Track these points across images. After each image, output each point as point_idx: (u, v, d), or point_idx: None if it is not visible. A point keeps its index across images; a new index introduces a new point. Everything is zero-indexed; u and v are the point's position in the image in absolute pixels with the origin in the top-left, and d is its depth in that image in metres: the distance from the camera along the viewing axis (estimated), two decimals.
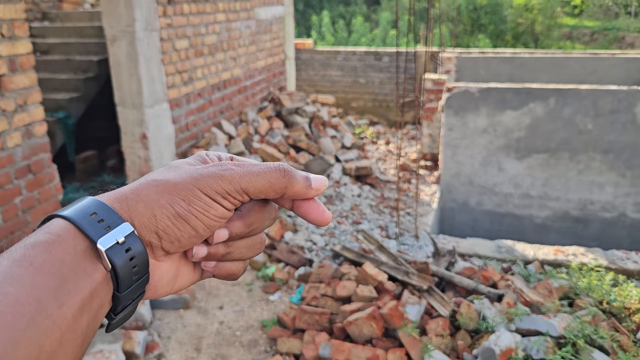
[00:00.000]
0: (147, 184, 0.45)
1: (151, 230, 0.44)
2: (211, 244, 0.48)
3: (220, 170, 0.45)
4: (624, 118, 5.39)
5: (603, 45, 20.20)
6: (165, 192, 0.44)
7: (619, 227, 5.73)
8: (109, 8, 4.53)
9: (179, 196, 0.44)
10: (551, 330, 2.95)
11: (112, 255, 0.41)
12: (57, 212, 0.43)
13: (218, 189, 0.45)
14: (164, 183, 0.45)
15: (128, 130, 4.77)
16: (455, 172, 6.00)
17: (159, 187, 0.44)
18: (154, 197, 0.44)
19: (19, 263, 0.38)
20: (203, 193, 0.44)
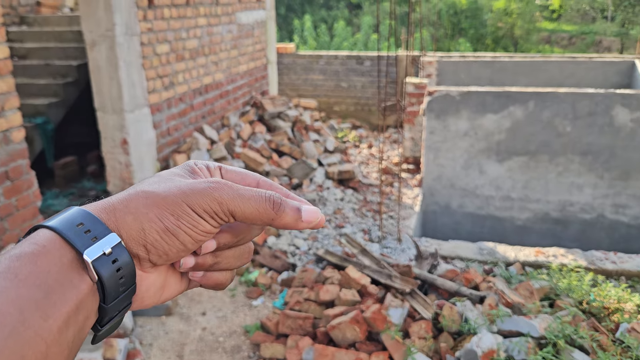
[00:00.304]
0: (136, 195, 0.45)
1: (139, 243, 0.43)
2: (199, 255, 0.48)
3: (210, 188, 0.45)
4: (602, 120, 5.48)
5: (581, 48, 20.52)
6: (155, 205, 0.44)
7: (597, 228, 5.82)
8: (88, 12, 4.49)
9: (168, 210, 0.44)
10: (532, 331, 2.98)
11: (99, 267, 0.41)
12: (42, 222, 0.43)
13: (206, 207, 0.44)
14: (154, 196, 0.44)
15: (108, 136, 4.73)
16: (437, 175, 6.04)
17: (148, 200, 0.44)
18: (143, 210, 0.44)
19: (4, 275, 0.38)
20: (191, 209, 0.44)
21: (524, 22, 19.02)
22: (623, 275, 4.42)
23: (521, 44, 19.34)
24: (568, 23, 23.95)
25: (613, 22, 21.03)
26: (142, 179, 1.71)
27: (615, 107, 5.42)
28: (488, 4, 19.93)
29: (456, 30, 19.10)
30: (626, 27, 18.58)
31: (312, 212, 0.48)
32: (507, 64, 8.22)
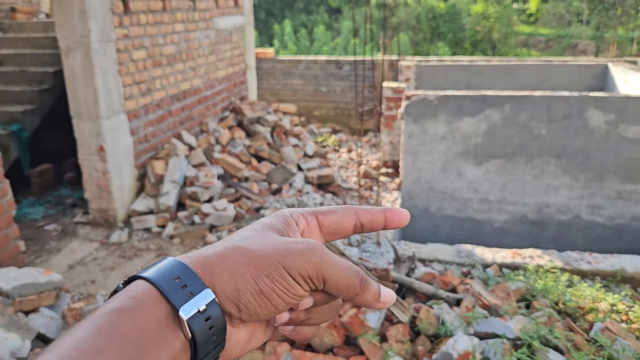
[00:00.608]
0: (233, 250, 0.45)
1: (232, 302, 0.43)
2: (294, 310, 0.48)
3: (308, 251, 0.45)
4: (576, 123, 5.57)
5: (557, 52, 20.84)
6: (251, 265, 0.44)
7: (574, 228, 5.91)
8: (62, 19, 4.45)
9: (264, 272, 0.44)
10: (507, 332, 3.02)
11: (193, 324, 0.41)
12: (141, 272, 0.43)
13: (302, 272, 0.44)
14: (250, 254, 0.44)
15: (85, 143, 4.69)
16: (415, 178, 6.08)
17: (245, 258, 0.44)
18: (240, 270, 0.44)
19: (105, 331, 0.38)
20: (287, 272, 0.44)
21: (502, 25, 19.26)
22: (598, 275, 4.50)
23: (499, 48, 19.59)
24: (545, 27, 24.32)
25: (588, 26, 21.40)
26: (120, 186, 1.75)
27: (589, 110, 5.52)
28: (466, 8, 20.15)
29: (435, 34, 19.27)
30: (601, 30, 18.92)
31: (389, 295, 0.49)
32: (484, 67, 8.32)
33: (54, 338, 3.24)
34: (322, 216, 0.51)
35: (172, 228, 4.75)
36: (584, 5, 21.87)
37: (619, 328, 3.36)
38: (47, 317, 3.31)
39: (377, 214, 0.52)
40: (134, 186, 5.09)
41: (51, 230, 4.94)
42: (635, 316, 3.77)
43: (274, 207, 5.19)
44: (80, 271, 4.25)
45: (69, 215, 5.24)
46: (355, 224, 0.52)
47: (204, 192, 4.99)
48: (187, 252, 2.65)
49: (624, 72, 7.31)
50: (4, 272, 3.37)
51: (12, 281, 3.29)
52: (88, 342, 0.38)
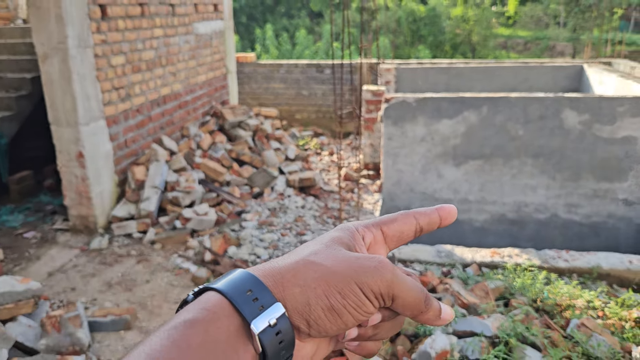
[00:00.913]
0: (305, 265, 0.45)
1: (302, 317, 0.43)
2: (363, 327, 0.48)
3: (381, 267, 0.45)
4: (552, 124, 5.67)
5: (535, 53, 21.13)
6: (324, 280, 0.44)
7: (551, 227, 6.00)
8: (39, 25, 4.43)
9: (336, 288, 0.44)
10: (485, 330, 3.07)
11: (263, 338, 0.41)
12: (211, 284, 0.43)
13: (375, 288, 0.44)
14: (323, 269, 0.44)
15: (63, 149, 4.66)
16: (396, 180, 6.14)
17: (317, 273, 0.44)
18: (312, 285, 0.43)
19: (178, 344, 0.39)
20: (360, 289, 0.44)
21: (481, 28, 19.50)
22: (575, 272, 4.58)
23: (479, 50, 19.81)
24: (523, 29, 24.64)
25: (565, 28, 21.74)
26: (100, 193, 1.78)
27: (565, 111, 5.62)
28: (446, 11, 20.35)
29: (415, 37, 19.43)
30: (577, 32, 19.24)
31: (449, 313, 0.49)
32: (463, 70, 8.42)
33: (32, 347, 3.22)
34: (385, 227, 0.51)
35: (153, 233, 4.74)
36: (560, 7, 22.20)
37: (595, 324, 3.43)
38: (25, 325, 3.29)
39: (432, 214, 0.52)
40: (114, 192, 5.07)
41: (30, 238, 4.90)
42: (611, 312, 3.86)
43: (256, 210, 5.20)
44: (60, 278, 4.23)
45: (49, 222, 5.20)
46: (416, 228, 0.52)
47: (185, 197, 4.99)
48: (169, 257, 2.71)
49: (599, 73, 7.45)
50: None
51: None
52: (162, 354, 0.38)
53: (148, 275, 4.28)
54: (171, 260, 4.47)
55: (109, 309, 3.72)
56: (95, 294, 4.04)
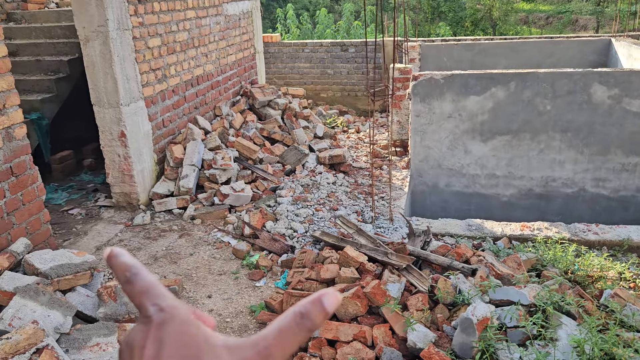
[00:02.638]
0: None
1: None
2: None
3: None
4: (580, 98, 5.70)
5: (557, 28, 20.81)
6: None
7: (579, 201, 6.07)
8: (80, 9, 4.57)
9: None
10: (522, 299, 3.19)
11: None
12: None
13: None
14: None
15: (106, 129, 4.84)
16: (424, 156, 6.23)
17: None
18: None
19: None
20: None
21: (502, 3, 19.24)
22: (605, 245, 4.67)
23: (499, 26, 19.57)
24: (544, 3, 24.23)
25: (588, 1, 21.34)
26: (141, 171, 2.01)
27: (593, 85, 5.64)
28: None
29: (436, 14, 19.25)
30: (601, 5, 18.90)
31: (330, 295, 0.45)
32: (487, 46, 8.41)
33: (90, 315, 3.43)
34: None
35: (192, 209, 4.92)
36: None
37: (628, 294, 3.53)
38: (84, 295, 3.49)
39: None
40: (154, 170, 5.25)
41: (75, 215, 5.12)
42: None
43: (289, 187, 5.35)
44: None
45: (91, 200, 5.41)
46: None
47: (222, 174, 5.15)
48: (209, 232, 2.94)
49: (627, 47, 7.41)
50: (40, 254, 3.55)
51: (48, 262, 3.47)
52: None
53: (191, 248, 4.46)
54: (212, 235, 4.65)
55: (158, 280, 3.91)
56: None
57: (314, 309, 0.43)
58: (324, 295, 0.44)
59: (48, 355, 2.73)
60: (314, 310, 0.43)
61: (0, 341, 2.73)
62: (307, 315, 0.43)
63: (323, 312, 0.44)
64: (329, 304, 0.44)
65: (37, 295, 3.08)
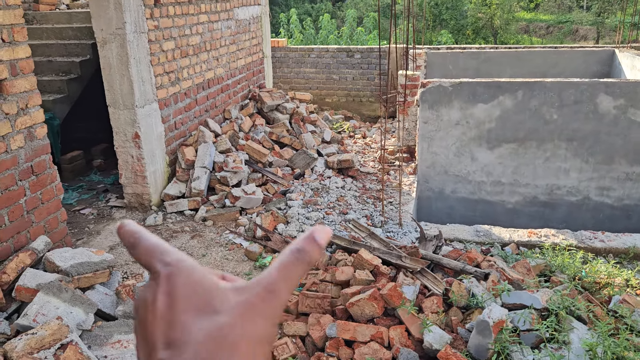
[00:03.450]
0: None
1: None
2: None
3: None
4: (586, 108, 5.79)
5: (558, 37, 20.99)
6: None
7: (583, 209, 6.15)
8: (98, 11, 4.63)
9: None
10: (535, 303, 3.25)
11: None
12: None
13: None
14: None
15: (120, 130, 4.89)
16: (431, 162, 6.30)
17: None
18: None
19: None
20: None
21: (503, 12, 19.41)
22: (611, 252, 4.75)
23: (500, 34, 19.73)
24: (545, 13, 24.43)
25: (589, 12, 21.53)
26: (153, 172, 2.09)
27: (599, 95, 5.73)
28: None
29: (437, 21, 19.39)
30: (602, 16, 19.08)
31: (320, 230, 0.47)
32: (492, 54, 8.51)
33: (109, 313, 3.47)
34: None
35: (204, 211, 4.97)
36: None
37: (636, 300, 3.60)
38: (102, 293, 3.54)
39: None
40: (166, 171, 5.30)
41: (87, 214, 5.16)
42: None
43: (299, 190, 5.41)
44: (121, 252, 4.48)
45: (102, 200, 5.45)
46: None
47: (233, 177, 5.21)
48: (221, 233, 3.01)
49: (631, 58, 7.51)
50: (60, 252, 3.60)
51: (69, 260, 3.52)
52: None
53: (203, 249, 4.52)
54: (223, 236, 4.71)
55: None
56: None
57: (309, 244, 0.46)
58: (315, 231, 0.46)
59: (72, 350, 2.78)
60: (309, 245, 0.46)
61: (27, 336, 2.78)
62: (303, 250, 0.46)
63: (317, 245, 0.46)
64: (320, 237, 0.46)
65: (60, 292, 3.13)
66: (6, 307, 3.26)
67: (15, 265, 3.34)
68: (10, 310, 3.26)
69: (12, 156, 3.64)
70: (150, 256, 0.45)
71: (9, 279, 3.28)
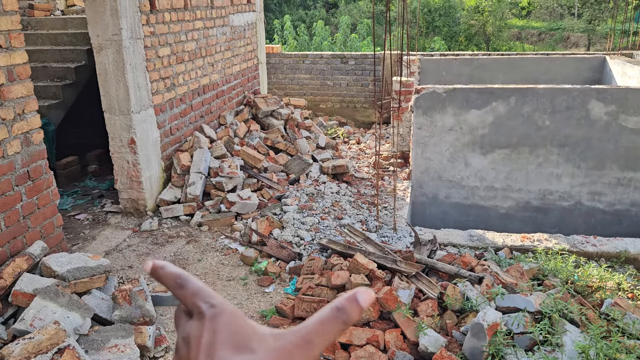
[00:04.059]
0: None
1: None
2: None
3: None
4: (578, 114, 5.86)
5: (550, 44, 21.18)
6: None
7: (575, 214, 6.21)
8: (95, 17, 4.66)
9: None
10: (529, 306, 3.29)
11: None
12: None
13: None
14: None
15: (116, 136, 4.91)
16: (425, 168, 6.35)
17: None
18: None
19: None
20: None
21: (495, 19, 19.57)
22: (602, 256, 4.80)
23: (493, 41, 19.89)
24: (537, 20, 24.65)
25: (580, 19, 21.75)
26: (149, 177, 2.15)
27: (591, 102, 5.80)
28: (460, 2, 20.42)
29: (430, 28, 19.53)
30: (592, 23, 19.29)
31: (364, 292, 0.49)
32: (485, 61, 8.59)
33: (106, 318, 3.48)
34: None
35: (199, 216, 4.99)
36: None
37: (628, 304, 3.65)
38: (99, 298, 3.55)
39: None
40: (161, 177, 5.32)
41: (82, 220, 5.17)
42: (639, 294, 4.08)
43: (295, 195, 5.44)
44: (116, 257, 4.49)
45: (97, 205, 5.46)
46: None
47: (228, 182, 5.23)
48: (216, 238, 3.07)
49: (622, 65, 7.61)
50: (57, 257, 3.60)
51: (65, 265, 3.52)
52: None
53: (199, 254, 4.53)
54: (219, 241, 4.72)
55: None
56: None
57: (350, 305, 0.48)
58: (358, 293, 0.49)
59: (70, 355, 2.79)
60: (350, 306, 0.48)
61: (24, 340, 2.79)
62: (344, 309, 0.48)
63: (358, 307, 0.48)
64: (363, 300, 0.48)
65: (57, 297, 3.14)
66: (3, 312, 3.27)
67: (12, 270, 3.35)
68: (7, 315, 3.26)
69: (9, 161, 3.65)
70: (197, 298, 0.49)
71: (6, 283, 3.29)
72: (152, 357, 3.36)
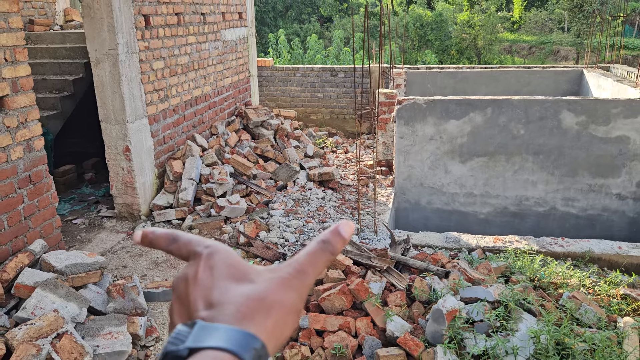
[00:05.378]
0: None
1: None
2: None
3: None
4: (551, 124, 6.19)
5: (540, 58, 21.62)
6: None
7: (550, 219, 6.52)
8: (93, 33, 4.99)
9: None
10: (488, 296, 3.59)
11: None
12: (212, 344, 0.42)
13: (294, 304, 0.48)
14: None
15: (112, 144, 5.22)
16: (407, 175, 6.67)
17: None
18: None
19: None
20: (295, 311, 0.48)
21: (487, 33, 20.02)
22: (569, 256, 5.10)
23: (484, 54, 20.32)
24: (528, 34, 25.16)
25: (569, 33, 22.23)
26: (143, 183, 2.61)
27: (563, 112, 6.14)
28: (452, 17, 20.88)
29: (422, 41, 19.96)
30: (581, 37, 19.76)
31: (345, 225, 0.52)
32: (468, 74, 8.95)
33: (100, 310, 3.77)
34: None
35: (190, 220, 5.29)
36: (565, 13, 22.71)
37: (584, 296, 3.95)
38: (94, 291, 3.84)
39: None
40: (155, 183, 5.63)
41: (79, 224, 5.46)
42: (600, 289, 4.38)
43: (281, 201, 5.75)
44: (111, 257, 4.78)
45: (94, 211, 5.76)
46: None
47: (218, 188, 5.54)
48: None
49: (597, 78, 7.97)
50: (56, 254, 3.90)
51: (63, 261, 3.82)
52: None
53: None
54: None
55: (160, 282, 4.27)
56: (145, 270, 4.59)
57: (334, 237, 0.51)
58: (340, 225, 0.52)
59: (67, 339, 3.08)
60: (334, 238, 0.51)
61: (26, 326, 3.08)
62: (329, 241, 0.51)
63: (341, 238, 0.51)
64: (344, 231, 0.52)
65: (56, 288, 3.44)
66: (6, 303, 3.56)
67: (14, 265, 3.64)
68: (10, 306, 3.55)
69: (12, 166, 3.96)
70: (191, 245, 0.52)
71: (9, 277, 3.58)
72: (143, 345, 3.64)
